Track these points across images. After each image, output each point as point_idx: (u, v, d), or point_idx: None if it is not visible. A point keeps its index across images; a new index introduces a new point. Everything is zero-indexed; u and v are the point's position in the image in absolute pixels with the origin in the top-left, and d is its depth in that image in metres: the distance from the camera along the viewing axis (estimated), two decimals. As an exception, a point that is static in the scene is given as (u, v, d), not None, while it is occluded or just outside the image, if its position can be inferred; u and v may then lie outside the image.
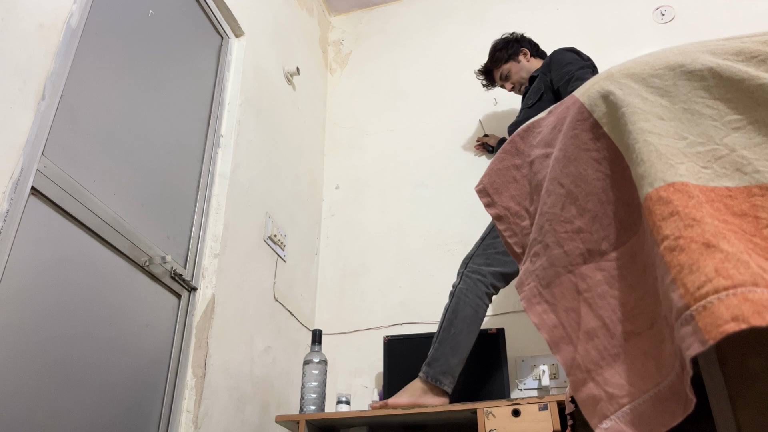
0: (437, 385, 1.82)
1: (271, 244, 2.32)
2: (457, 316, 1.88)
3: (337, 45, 3.39)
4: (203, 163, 2.05)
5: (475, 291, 1.91)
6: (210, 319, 1.86)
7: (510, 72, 2.43)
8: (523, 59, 2.42)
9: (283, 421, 1.93)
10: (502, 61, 2.44)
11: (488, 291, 1.93)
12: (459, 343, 1.85)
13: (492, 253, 1.95)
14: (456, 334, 1.86)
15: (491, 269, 1.93)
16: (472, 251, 1.99)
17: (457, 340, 1.86)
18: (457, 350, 1.85)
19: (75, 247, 1.43)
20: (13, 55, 1.30)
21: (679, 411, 0.50)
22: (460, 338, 1.86)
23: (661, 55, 0.64)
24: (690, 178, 0.54)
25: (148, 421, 1.60)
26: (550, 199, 0.67)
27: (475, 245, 2.01)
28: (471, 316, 1.89)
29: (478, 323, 1.90)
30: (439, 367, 1.83)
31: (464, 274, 1.95)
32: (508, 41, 2.46)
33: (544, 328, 0.65)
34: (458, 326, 1.87)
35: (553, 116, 0.73)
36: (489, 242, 1.98)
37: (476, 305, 1.90)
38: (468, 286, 1.92)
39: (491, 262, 1.94)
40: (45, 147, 1.37)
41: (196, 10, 2.14)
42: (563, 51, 2.23)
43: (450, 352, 1.84)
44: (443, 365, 1.83)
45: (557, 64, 2.18)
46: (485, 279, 1.93)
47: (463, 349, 1.86)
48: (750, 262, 0.46)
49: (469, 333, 1.87)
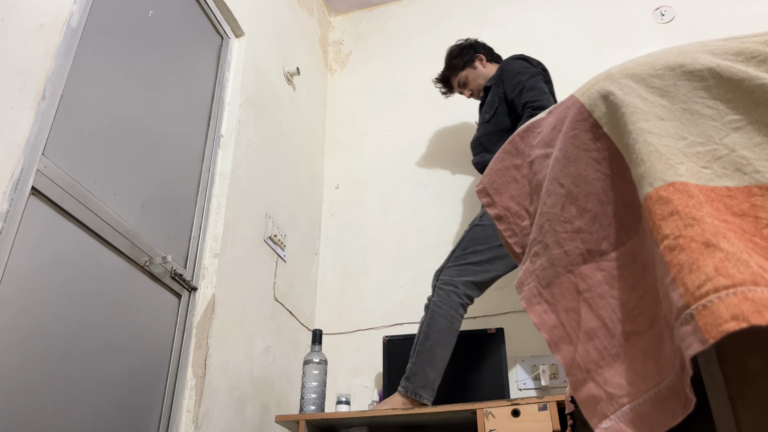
0: (417, 399, 1.84)
1: (271, 244, 2.32)
2: (432, 329, 1.90)
3: (337, 45, 3.39)
4: (203, 163, 2.05)
5: (449, 303, 1.93)
6: (210, 319, 1.86)
7: (467, 79, 2.43)
8: (479, 65, 2.42)
9: (282, 421, 1.93)
10: (458, 69, 2.44)
11: (462, 302, 1.95)
12: (436, 356, 1.87)
13: (463, 264, 1.98)
14: (432, 346, 1.88)
15: (463, 279, 1.95)
16: (443, 263, 2.02)
17: (434, 353, 1.87)
18: (434, 363, 1.87)
19: (75, 247, 1.43)
20: (13, 55, 1.30)
21: (679, 411, 0.50)
22: (436, 351, 1.88)
23: (661, 55, 0.64)
24: (690, 178, 0.54)
25: (148, 421, 1.60)
26: (550, 199, 0.67)
27: (447, 257, 2.03)
28: (446, 329, 1.90)
29: (453, 334, 1.92)
30: (418, 381, 1.85)
31: (437, 287, 1.97)
32: (462, 48, 2.46)
33: (544, 328, 0.65)
34: (434, 339, 1.89)
35: (553, 116, 0.73)
36: (459, 253, 2.00)
37: (451, 317, 1.92)
38: (441, 298, 1.94)
39: (463, 273, 1.96)
40: (45, 147, 1.37)
41: (196, 10, 2.14)
42: (513, 60, 2.25)
43: (428, 366, 1.86)
44: (422, 379, 1.85)
45: (508, 75, 2.20)
46: (458, 290, 1.95)
47: (440, 361, 1.88)
48: (750, 261, 0.46)
49: (446, 345, 1.90)
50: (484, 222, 2.03)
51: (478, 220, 2.05)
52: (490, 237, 1.99)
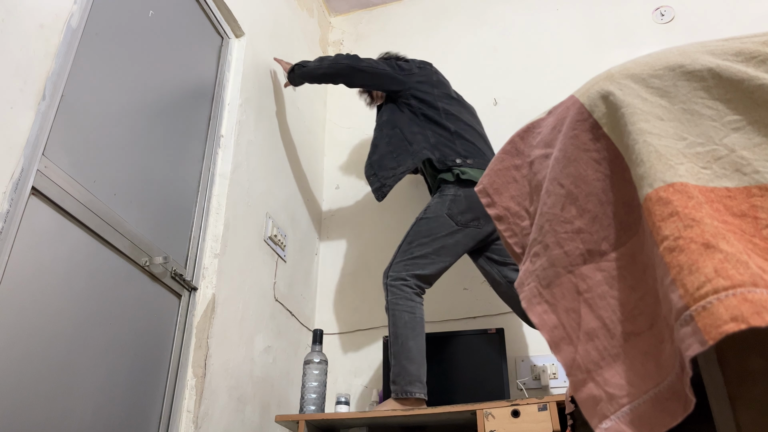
0: (410, 397, 1.84)
1: (271, 244, 2.32)
2: (398, 327, 1.91)
3: (337, 45, 3.39)
4: (203, 163, 2.05)
5: (403, 296, 1.95)
6: (210, 319, 1.86)
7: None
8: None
9: (282, 421, 1.93)
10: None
11: (415, 291, 1.97)
12: (410, 350, 1.88)
13: (408, 259, 2.00)
14: (404, 342, 1.89)
15: (410, 273, 1.98)
16: (390, 262, 2.04)
17: (407, 348, 1.88)
18: (411, 357, 1.87)
19: (75, 247, 1.43)
20: (13, 56, 1.30)
21: (679, 411, 0.50)
22: (409, 344, 1.89)
23: (660, 55, 0.64)
24: (690, 179, 0.54)
25: (148, 421, 1.60)
26: (550, 199, 0.67)
27: (393, 254, 2.05)
28: (410, 320, 1.92)
29: (420, 323, 1.94)
30: (403, 380, 1.86)
31: (388, 285, 1.99)
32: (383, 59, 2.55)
33: (545, 328, 0.65)
34: (403, 335, 1.90)
35: (553, 117, 0.73)
36: (405, 248, 2.02)
37: (410, 307, 1.94)
38: (395, 295, 1.96)
39: (410, 267, 1.99)
40: (45, 147, 1.37)
41: (196, 11, 2.14)
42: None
43: (407, 362, 1.87)
44: (406, 377, 1.86)
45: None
46: (408, 282, 1.97)
47: (416, 353, 1.89)
48: (749, 262, 0.47)
49: (416, 336, 1.91)
50: (429, 215, 2.05)
51: (423, 214, 2.07)
52: (434, 229, 2.01)
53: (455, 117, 2.20)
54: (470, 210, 2.02)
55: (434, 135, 2.16)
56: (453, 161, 2.09)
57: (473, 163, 2.09)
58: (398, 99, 2.28)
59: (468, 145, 2.14)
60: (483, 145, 2.19)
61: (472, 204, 2.03)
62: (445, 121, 2.18)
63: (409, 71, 2.29)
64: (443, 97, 2.25)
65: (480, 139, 2.20)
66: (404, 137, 2.19)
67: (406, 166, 2.14)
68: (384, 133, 2.25)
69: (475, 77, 2.98)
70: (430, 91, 2.25)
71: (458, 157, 2.10)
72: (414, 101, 2.23)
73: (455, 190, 2.06)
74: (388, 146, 2.20)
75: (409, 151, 2.15)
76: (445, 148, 2.13)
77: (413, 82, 2.26)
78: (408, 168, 2.15)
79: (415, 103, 2.23)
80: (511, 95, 2.86)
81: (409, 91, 2.25)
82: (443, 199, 2.06)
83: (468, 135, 2.17)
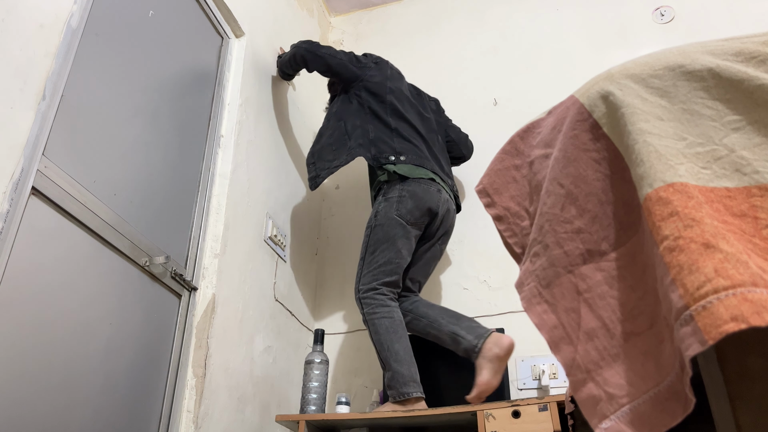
0: (407, 398, 1.85)
1: (271, 244, 2.32)
2: (380, 335, 1.93)
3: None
4: (203, 163, 2.05)
5: (377, 304, 1.98)
6: (210, 319, 1.86)
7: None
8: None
9: (283, 421, 1.93)
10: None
11: (388, 296, 2.00)
12: (397, 353, 1.90)
13: (374, 268, 2.03)
14: (389, 347, 1.91)
15: (380, 281, 2.01)
16: (357, 276, 2.07)
17: (394, 351, 1.90)
18: (400, 360, 1.89)
19: (75, 247, 1.43)
20: (13, 56, 1.30)
21: (678, 411, 0.50)
22: (395, 348, 1.90)
23: (660, 55, 0.64)
24: (689, 179, 0.54)
25: (148, 421, 1.60)
26: (550, 199, 0.67)
27: (358, 269, 2.08)
28: (390, 324, 1.94)
29: (400, 325, 1.96)
30: (396, 383, 1.87)
31: (360, 299, 2.02)
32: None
33: (544, 328, 0.65)
34: (387, 340, 1.92)
35: (553, 117, 0.73)
36: (368, 260, 2.06)
37: (387, 312, 1.96)
38: (369, 305, 1.98)
39: (377, 276, 2.02)
40: (45, 147, 1.37)
41: (196, 11, 2.14)
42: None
43: (397, 365, 1.88)
44: (399, 379, 1.87)
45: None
46: (379, 290, 2.00)
47: (404, 354, 1.90)
48: (749, 262, 0.47)
49: (399, 338, 1.92)
50: (380, 221, 2.08)
51: (374, 221, 2.10)
52: (390, 233, 2.05)
53: (399, 114, 2.25)
54: (417, 208, 2.08)
55: (375, 130, 2.22)
56: (386, 158, 2.14)
57: (406, 159, 2.14)
58: (350, 90, 2.34)
59: (404, 143, 2.19)
60: (420, 143, 2.23)
61: (417, 201, 2.08)
62: (389, 116, 2.24)
63: (365, 65, 2.37)
64: (394, 91, 2.32)
65: (418, 137, 2.24)
66: (345, 131, 2.26)
67: (340, 161, 2.22)
68: (330, 124, 2.32)
69: (475, 77, 2.98)
70: (383, 83, 2.32)
71: (392, 153, 2.15)
72: (365, 93, 2.30)
73: (399, 192, 2.10)
74: (329, 138, 2.28)
75: (347, 146, 2.22)
76: (382, 143, 2.18)
77: (367, 75, 2.33)
78: (342, 163, 2.22)
79: (365, 95, 2.29)
80: (511, 95, 2.86)
81: (362, 83, 2.32)
82: (389, 202, 2.10)
83: (406, 133, 2.22)
